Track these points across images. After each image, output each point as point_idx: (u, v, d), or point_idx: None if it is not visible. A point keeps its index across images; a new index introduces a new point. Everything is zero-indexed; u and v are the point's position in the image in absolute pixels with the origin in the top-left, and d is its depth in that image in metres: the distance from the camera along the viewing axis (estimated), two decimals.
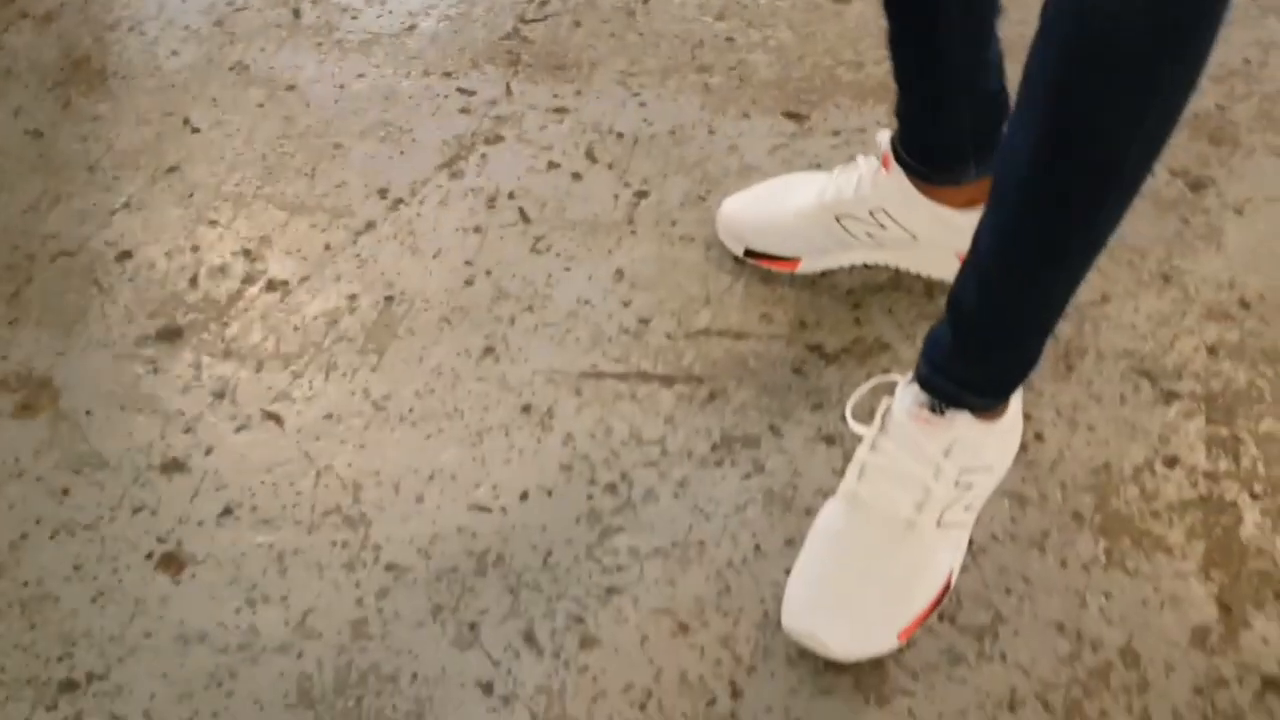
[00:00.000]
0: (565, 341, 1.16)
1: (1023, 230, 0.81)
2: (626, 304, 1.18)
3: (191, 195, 1.33)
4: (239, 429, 1.13)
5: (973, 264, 0.87)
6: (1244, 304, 1.11)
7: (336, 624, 1.00)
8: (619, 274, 1.20)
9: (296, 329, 1.20)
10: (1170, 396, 1.05)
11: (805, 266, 1.17)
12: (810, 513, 1.01)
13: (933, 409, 0.92)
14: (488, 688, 0.95)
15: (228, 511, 1.07)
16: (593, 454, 1.07)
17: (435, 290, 1.22)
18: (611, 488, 1.05)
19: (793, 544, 1.00)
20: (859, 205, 1.10)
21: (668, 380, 1.12)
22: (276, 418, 1.14)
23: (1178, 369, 1.07)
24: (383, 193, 1.31)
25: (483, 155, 1.34)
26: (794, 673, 0.93)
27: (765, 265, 1.18)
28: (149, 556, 1.05)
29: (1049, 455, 1.03)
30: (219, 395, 1.15)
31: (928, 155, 1.05)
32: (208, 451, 1.11)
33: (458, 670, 0.96)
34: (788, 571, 0.97)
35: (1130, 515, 0.99)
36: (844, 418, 1.02)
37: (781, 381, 1.11)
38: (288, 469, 1.10)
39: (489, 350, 1.16)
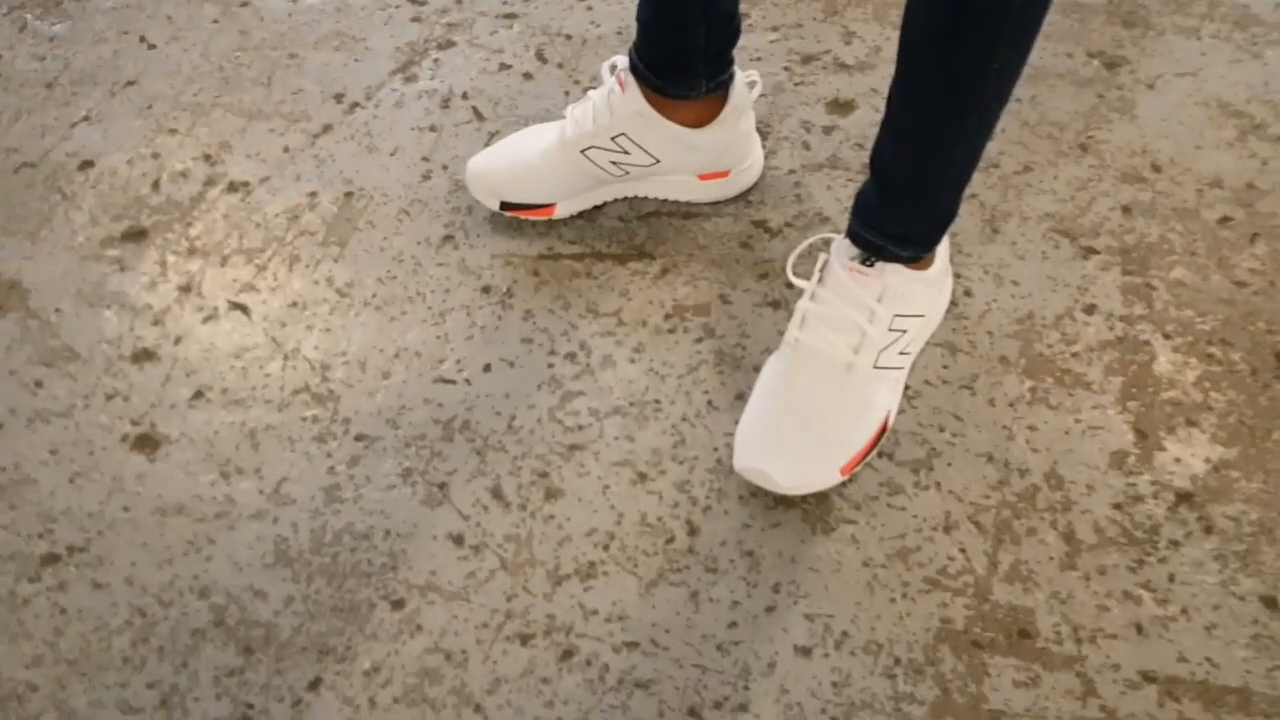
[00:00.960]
0: (522, 228, 1.21)
1: (926, 80, 0.87)
2: None
3: (150, 106, 1.36)
4: (206, 319, 1.17)
5: (886, 119, 0.93)
6: (1155, 168, 1.18)
7: (310, 491, 1.04)
8: None
9: (259, 225, 1.24)
10: (1088, 252, 1.12)
11: (560, 211, 1.19)
12: (759, 369, 1.07)
13: (863, 261, 0.98)
14: (458, 539, 1.00)
15: (199, 395, 1.12)
16: (552, 327, 1.13)
17: (393, 185, 1.26)
18: (571, 356, 1.11)
19: (742, 398, 1.06)
20: (601, 134, 1.13)
21: (621, 259, 1.17)
22: (243, 308, 1.18)
23: (1095, 228, 1.14)
24: (339, 97, 1.35)
25: (435, 60, 1.38)
26: (745, 510, 0.99)
27: (521, 215, 1.19)
28: (124, 439, 1.09)
29: (977, 308, 1.09)
30: (185, 289, 1.19)
31: (663, 66, 1.09)
32: (176, 341, 1.15)
33: (429, 525, 1.01)
34: (739, 423, 1.03)
35: (1053, 357, 1.06)
36: (788, 281, 1.08)
37: (729, 255, 1.16)
38: (256, 354, 1.14)
39: (448, 238, 1.21)
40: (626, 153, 1.13)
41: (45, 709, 0.94)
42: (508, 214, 1.19)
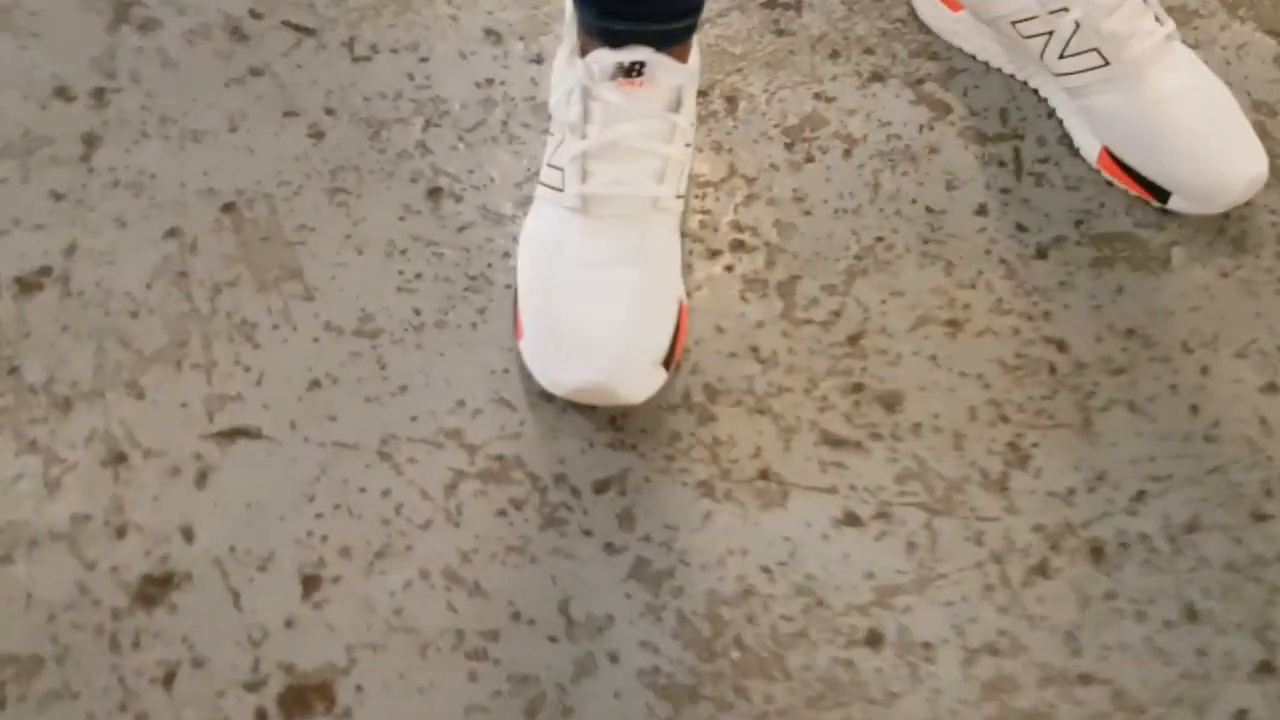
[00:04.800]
0: (526, 139, 0.83)
1: None
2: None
3: None
4: (201, 478, 0.68)
5: None
6: None
7: (609, 599, 0.67)
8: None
9: (136, 314, 0.73)
10: None
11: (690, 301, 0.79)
12: (935, 150, 0.86)
13: None
14: (852, 518, 0.70)
15: (312, 582, 0.65)
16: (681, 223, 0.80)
17: (285, 164, 0.80)
18: (738, 244, 0.80)
19: (954, 187, 0.84)
20: (681, 156, 0.77)
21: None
22: (245, 432, 0.70)
23: None
24: (61, 92, 0.82)
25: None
26: (1079, 295, 0.80)
27: (679, 356, 0.76)
28: (254, 702, 0.61)
29: None
30: (114, 457, 0.68)
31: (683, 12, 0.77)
32: (190, 536, 0.66)
33: (799, 523, 0.69)
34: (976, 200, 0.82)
35: None
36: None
37: (775, 51, 0.90)
38: (333, 475, 0.69)
39: (435, 191, 0.80)
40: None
41: None
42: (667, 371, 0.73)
